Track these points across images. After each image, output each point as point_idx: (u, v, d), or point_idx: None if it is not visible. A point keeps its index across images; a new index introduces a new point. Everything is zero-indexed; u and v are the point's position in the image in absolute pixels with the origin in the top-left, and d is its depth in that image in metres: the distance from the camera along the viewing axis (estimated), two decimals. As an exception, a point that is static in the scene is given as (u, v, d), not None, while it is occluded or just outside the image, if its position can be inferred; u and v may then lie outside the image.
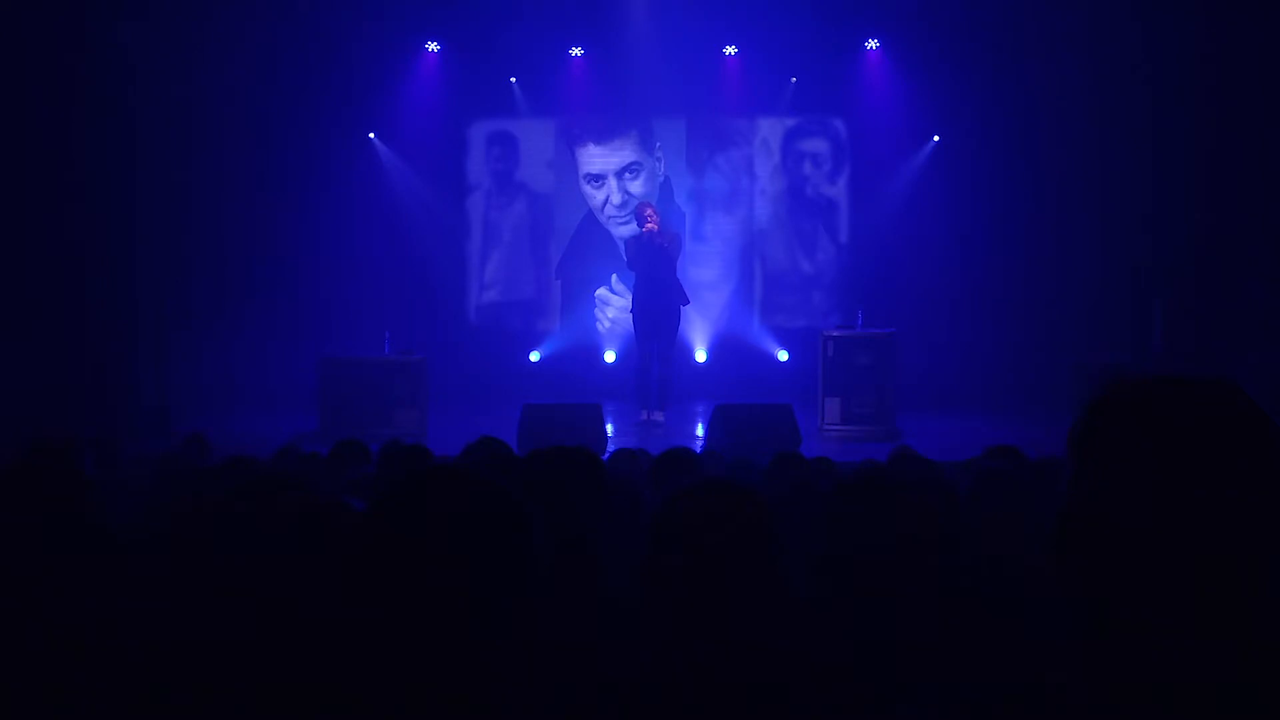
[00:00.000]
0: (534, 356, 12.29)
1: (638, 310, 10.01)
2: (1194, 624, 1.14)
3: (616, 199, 12.37)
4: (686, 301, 10.05)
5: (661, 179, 12.43)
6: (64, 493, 2.21)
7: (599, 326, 12.38)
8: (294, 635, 1.86)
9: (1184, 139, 10.91)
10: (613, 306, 12.22)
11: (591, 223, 12.47)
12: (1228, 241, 10.78)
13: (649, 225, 9.80)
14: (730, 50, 12.13)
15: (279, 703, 1.75)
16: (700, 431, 9.62)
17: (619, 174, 12.41)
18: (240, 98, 11.34)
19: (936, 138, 12.02)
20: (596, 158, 12.44)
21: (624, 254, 10.49)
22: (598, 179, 12.44)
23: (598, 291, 12.40)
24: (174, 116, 10.86)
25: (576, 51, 12.14)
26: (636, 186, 12.37)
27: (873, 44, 12.11)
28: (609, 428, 9.28)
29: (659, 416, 10.04)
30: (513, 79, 12.18)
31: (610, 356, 12.22)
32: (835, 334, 9.96)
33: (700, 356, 12.24)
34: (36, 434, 5.28)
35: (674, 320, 9.99)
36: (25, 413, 8.90)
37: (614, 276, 12.20)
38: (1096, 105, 11.35)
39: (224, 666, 1.87)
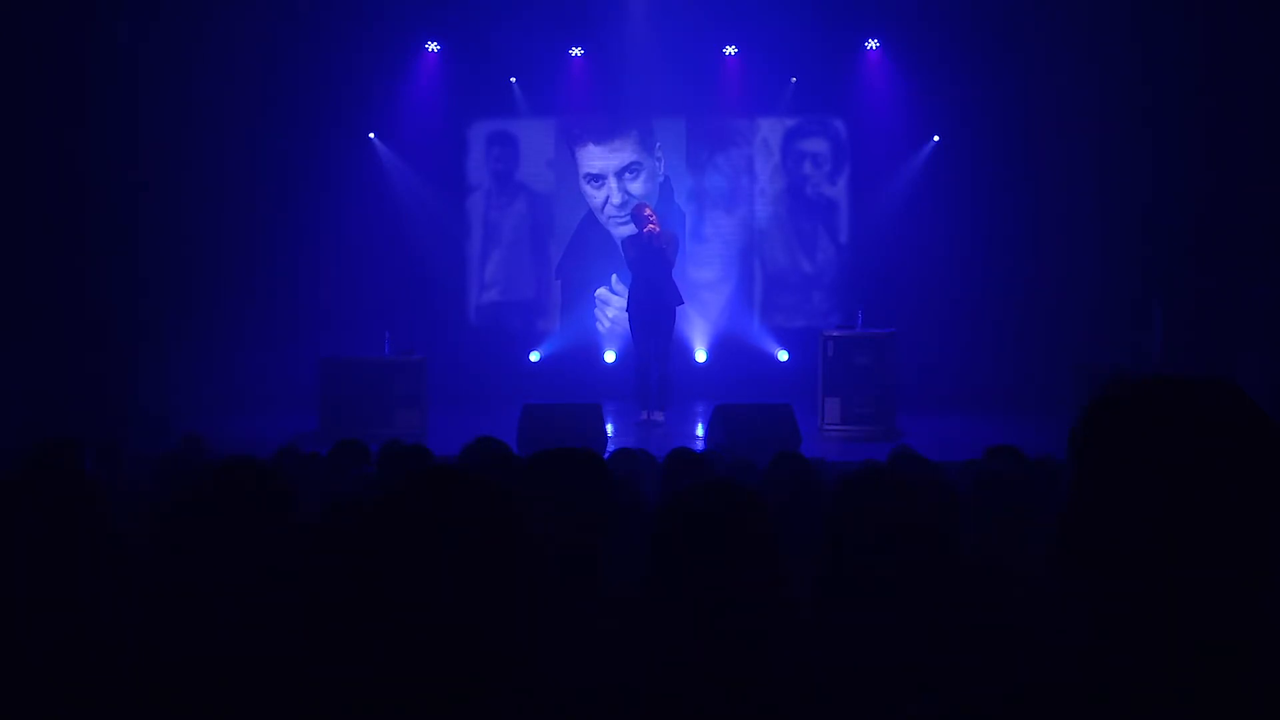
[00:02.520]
0: (534, 356, 12.29)
1: (633, 310, 10.03)
2: (1195, 625, 1.14)
3: (616, 199, 12.37)
4: (681, 302, 10.07)
5: (661, 179, 12.43)
6: (69, 495, 2.22)
7: (599, 326, 12.38)
8: (295, 636, 1.86)
9: (1184, 139, 10.91)
10: (613, 306, 12.22)
11: (591, 223, 12.47)
12: (1227, 242, 10.78)
13: (650, 226, 9.81)
14: (730, 50, 12.13)
15: (280, 703, 1.76)
16: (700, 431, 9.62)
17: (619, 174, 12.41)
18: (240, 98, 11.34)
19: (936, 138, 12.02)
20: (596, 158, 12.44)
21: (623, 254, 10.50)
22: (598, 179, 12.44)
23: (598, 291, 12.40)
24: (174, 117, 10.86)
25: (576, 51, 12.14)
26: (636, 186, 12.37)
27: (873, 44, 12.11)
28: (609, 428, 9.28)
29: (659, 416, 10.04)
30: (513, 79, 12.18)
31: (610, 356, 12.23)
32: (835, 334, 9.96)
33: (700, 356, 12.24)
34: (38, 436, 5.28)
35: (669, 321, 10.01)
36: (27, 414, 8.90)
37: (614, 276, 12.20)
38: (1096, 105, 11.35)
39: (225, 666, 1.87)
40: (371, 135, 12.09)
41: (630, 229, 10.28)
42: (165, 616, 2.05)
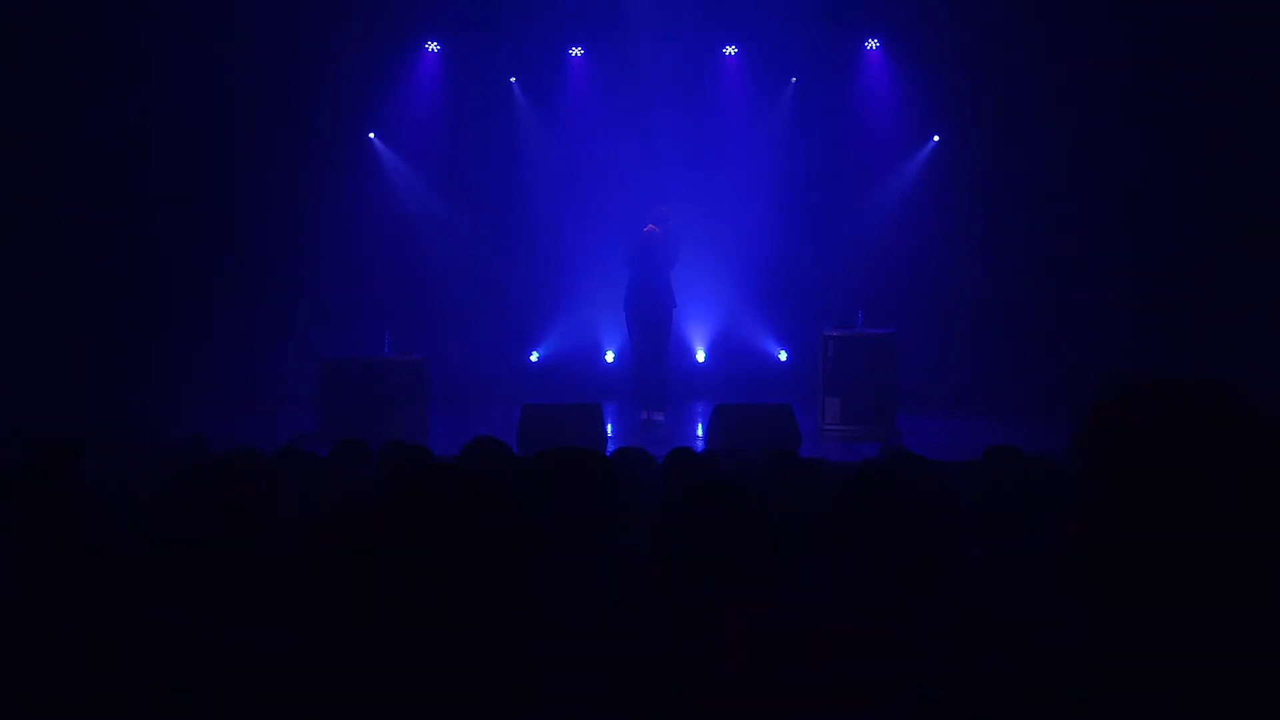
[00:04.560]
0: (534, 356, 12.29)
1: (629, 309, 10.03)
2: (1198, 623, 1.14)
3: (616, 199, 12.35)
4: (674, 305, 10.06)
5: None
6: (65, 494, 2.22)
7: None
8: (293, 636, 1.86)
9: (1183, 139, 10.91)
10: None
11: (592, 222, 12.45)
12: (1226, 242, 10.78)
13: (650, 226, 9.82)
14: (730, 50, 12.13)
15: (281, 702, 1.76)
16: (700, 431, 9.62)
17: (619, 174, 12.39)
18: (240, 98, 11.34)
19: (936, 138, 12.01)
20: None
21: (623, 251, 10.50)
22: (598, 179, 12.42)
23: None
24: (174, 116, 10.86)
25: (576, 51, 12.13)
26: (636, 187, 12.35)
27: (873, 44, 12.10)
28: (609, 428, 9.28)
29: (658, 417, 10.04)
30: (513, 79, 12.17)
31: (610, 356, 12.22)
32: (835, 334, 9.95)
33: (700, 356, 12.23)
34: (38, 434, 5.28)
35: (663, 322, 10.00)
36: (27, 413, 8.90)
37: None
38: (1096, 105, 11.35)
39: (225, 666, 1.87)
40: (371, 135, 12.08)
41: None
42: (163, 616, 2.06)
